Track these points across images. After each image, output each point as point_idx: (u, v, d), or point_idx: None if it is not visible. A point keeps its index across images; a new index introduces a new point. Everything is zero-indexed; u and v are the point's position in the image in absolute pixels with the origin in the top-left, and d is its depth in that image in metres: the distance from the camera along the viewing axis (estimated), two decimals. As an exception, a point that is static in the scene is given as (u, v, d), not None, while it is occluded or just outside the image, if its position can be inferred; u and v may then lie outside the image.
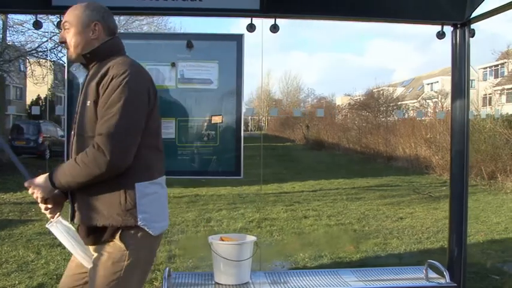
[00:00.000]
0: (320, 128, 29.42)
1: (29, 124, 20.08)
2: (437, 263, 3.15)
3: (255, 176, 13.83)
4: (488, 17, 3.18)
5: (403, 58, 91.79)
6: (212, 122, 3.11)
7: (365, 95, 29.95)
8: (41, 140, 18.90)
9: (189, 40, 3.10)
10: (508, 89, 28.62)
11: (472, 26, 3.25)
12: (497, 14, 3.12)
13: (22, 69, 24.37)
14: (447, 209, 3.80)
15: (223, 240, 2.95)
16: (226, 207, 8.86)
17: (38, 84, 19.73)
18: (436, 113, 19.87)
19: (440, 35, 3.31)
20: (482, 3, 3.15)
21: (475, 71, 37.32)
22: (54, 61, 20.77)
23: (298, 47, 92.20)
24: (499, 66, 32.30)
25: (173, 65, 3.08)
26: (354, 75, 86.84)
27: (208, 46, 3.14)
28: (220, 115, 3.11)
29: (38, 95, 33.52)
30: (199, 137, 3.11)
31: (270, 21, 3.08)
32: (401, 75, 70.04)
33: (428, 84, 45.27)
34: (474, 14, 3.22)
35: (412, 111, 22.81)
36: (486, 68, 36.76)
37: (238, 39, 3.12)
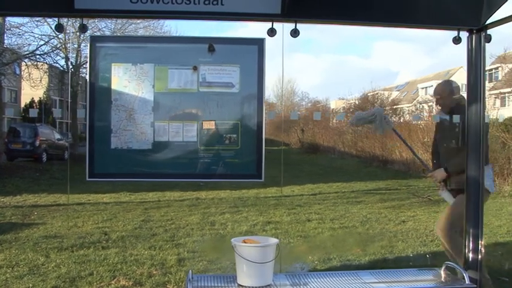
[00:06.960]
0: (315, 132, 29.56)
1: (26, 127, 19.92)
2: (455, 265, 3.19)
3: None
4: (504, 23, 3.23)
5: (408, 60, 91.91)
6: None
7: (360, 98, 30.08)
8: (37, 143, 18.76)
9: (211, 44, 3.12)
10: (503, 93, 28.85)
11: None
12: (513, 20, 3.18)
13: (17, 72, 24.23)
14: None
15: (246, 243, 2.96)
16: (228, 211, 8.88)
17: (34, 87, 19.61)
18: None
19: (456, 40, 3.35)
20: (499, 9, 3.21)
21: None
22: (50, 64, 20.73)
23: (300, 49, 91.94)
24: (493, 70, 32.54)
25: (195, 68, 3.10)
26: (356, 77, 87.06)
27: (230, 50, 3.16)
28: None
29: (32, 98, 33.37)
30: (221, 140, 3.13)
31: (290, 26, 3.11)
32: (406, 78, 69.98)
33: (422, 88, 45.54)
34: (490, 20, 3.27)
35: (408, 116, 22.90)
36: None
37: (259, 43, 3.14)
